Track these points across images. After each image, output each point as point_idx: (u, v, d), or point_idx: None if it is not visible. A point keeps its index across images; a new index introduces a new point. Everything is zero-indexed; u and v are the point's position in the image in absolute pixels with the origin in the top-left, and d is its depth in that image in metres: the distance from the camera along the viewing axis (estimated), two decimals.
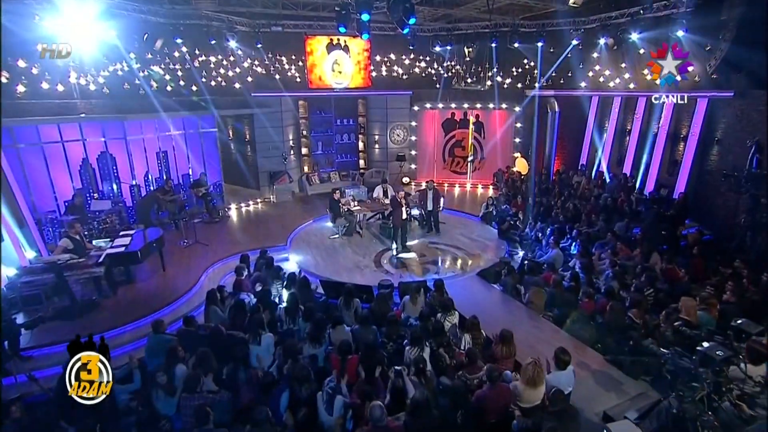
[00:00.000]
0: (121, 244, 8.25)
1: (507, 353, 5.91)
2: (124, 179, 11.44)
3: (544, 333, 7.02)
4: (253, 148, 15.05)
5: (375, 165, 17.39)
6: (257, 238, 11.08)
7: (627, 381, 5.81)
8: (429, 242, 11.35)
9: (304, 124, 16.24)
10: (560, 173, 16.22)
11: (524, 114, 16.76)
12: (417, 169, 17.84)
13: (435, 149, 17.84)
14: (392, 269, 9.75)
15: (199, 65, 13.80)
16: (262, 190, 15.11)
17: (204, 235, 10.88)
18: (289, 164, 15.46)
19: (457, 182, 17.61)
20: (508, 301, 8.15)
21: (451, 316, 6.71)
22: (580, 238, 10.34)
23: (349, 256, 10.42)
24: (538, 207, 12.71)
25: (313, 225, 12.68)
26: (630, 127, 14.30)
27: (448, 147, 17.72)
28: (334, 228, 11.83)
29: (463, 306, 7.14)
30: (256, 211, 13.92)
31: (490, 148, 17.62)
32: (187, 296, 8.15)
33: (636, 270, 8.53)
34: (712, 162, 11.44)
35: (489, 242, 11.51)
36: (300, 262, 9.89)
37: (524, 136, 17.13)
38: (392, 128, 17.02)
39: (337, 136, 16.91)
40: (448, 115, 17.34)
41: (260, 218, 12.96)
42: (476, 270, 9.61)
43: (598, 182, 14.40)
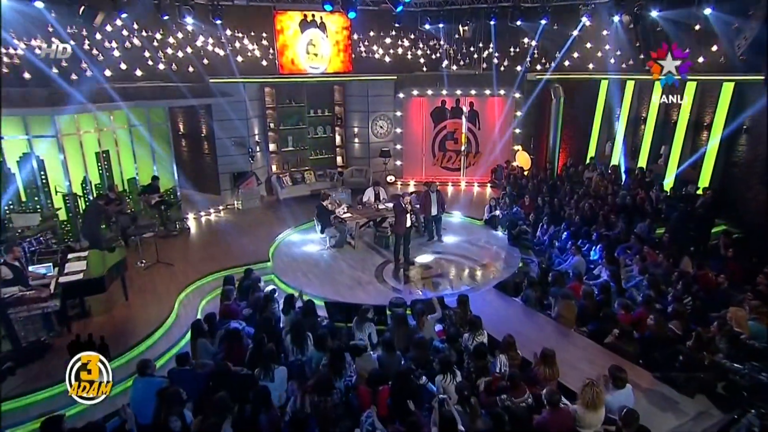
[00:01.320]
0: (77, 269, 8.12)
1: (550, 374, 6.27)
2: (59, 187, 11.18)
3: (582, 350, 7.39)
4: (211, 146, 14.96)
5: (355, 162, 17.61)
6: (231, 255, 11.05)
7: (683, 399, 6.24)
8: (433, 252, 11.66)
9: (272, 116, 16.28)
10: (568, 168, 16.94)
11: (525, 101, 17.34)
12: (403, 167, 18.17)
13: (423, 143, 18.18)
14: (399, 285, 9.98)
15: (147, 45, 13.55)
16: (224, 196, 15.04)
17: (165, 254, 10.77)
18: (256, 163, 15.51)
19: (449, 180, 18.01)
20: (534, 316, 8.53)
21: (479, 335, 7.06)
22: (602, 243, 10.95)
23: (345, 271, 10.56)
24: (550, 208, 13.28)
25: (294, 236, 12.75)
26: (645, 114, 15.18)
27: (439, 140, 18.12)
28: (322, 239, 11.97)
29: (484, 323, 7.43)
30: (220, 221, 13.86)
31: (486, 140, 18.20)
32: (162, 329, 8.09)
33: (672, 277, 9.14)
34: (739, 153, 12.33)
35: (499, 249, 11.93)
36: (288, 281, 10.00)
37: (525, 126, 17.74)
38: (374, 119, 17.30)
39: (310, 129, 17.00)
40: (437, 104, 17.72)
41: (228, 230, 12.92)
42: (492, 282, 9.97)
43: (612, 177, 15.19)
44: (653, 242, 11.10)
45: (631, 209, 12.74)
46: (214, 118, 14.57)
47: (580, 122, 16.91)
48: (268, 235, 12.34)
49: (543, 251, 11.81)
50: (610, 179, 15.09)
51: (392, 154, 17.52)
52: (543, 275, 9.81)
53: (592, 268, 10.38)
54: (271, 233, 12.50)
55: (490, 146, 18.09)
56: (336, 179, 16.32)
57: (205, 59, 14.22)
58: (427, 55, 17.52)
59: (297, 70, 15.29)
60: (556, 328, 8.07)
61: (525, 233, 12.38)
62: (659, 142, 14.70)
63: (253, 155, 15.06)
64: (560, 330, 8.02)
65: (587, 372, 6.58)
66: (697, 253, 10.71)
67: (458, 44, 17.48)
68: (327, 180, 16.29)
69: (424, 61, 17.50)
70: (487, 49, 17.11)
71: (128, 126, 13.02)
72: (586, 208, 12.76)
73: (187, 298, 9.28)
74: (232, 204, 14.97)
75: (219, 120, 14.59)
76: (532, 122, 17.89)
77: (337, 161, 17.74)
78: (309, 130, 16.97)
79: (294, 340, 6.69)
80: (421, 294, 9.35)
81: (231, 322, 7.39)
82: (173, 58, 13.78)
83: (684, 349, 6.80)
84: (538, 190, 14.92)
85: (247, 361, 6.38)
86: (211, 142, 14.89)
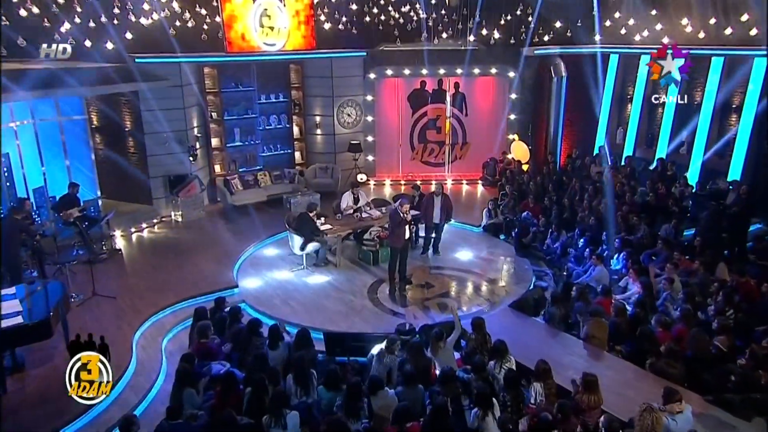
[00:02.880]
0: (12, 311, 8.06)
1: (594, 402, 7.05)
2: None
3: (620, 373, 8.20)
4: (138, 144, 15.10)
5: (318, 159, 18.05)
6: (187, 281, 11.28)
7: (740, 424, 7.07)
8: (430, 267, 12.32)
9: (214, 103, 16.55)
10: (573, 160, 18.02)
11: (521, 81, 18.29)
12: (376, 162, 18.80)
13: (400, 133, 18.84)
14: (399, 308, 10.55)
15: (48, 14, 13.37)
16: (158, 206, 15.23)
17: (100, 284, 10.91)
18: (197, 164, 15.75)
19: (432, 178, 18.65)
20: (561, 337, 9.32)
21: (506, 362, 7.81)
22: (625, 249, 11.89)
23: (332, 294, 11.00)
24: (560, 209, 14.17)
25: (257, 254, 13.12)
26: (664, 94, 16.36)
27: (418, 129, 18.84)
28: (297, 257, 12.41)
29: None
30: (159, 238, 14.07)
31: (475, 129, 18.97)
32: (125, 379, 8.30)
33: (710, 287, 10.12)
34: None
35: (507, 261, 12.76)
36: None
37: (522, 110, 18.72)
38: (340, 105, 17.81)
39: (261, 119, 17.34)
40: (416, 85, 18.41)
41: (173, 250, 13.16)
42: (506, 300, 10.76)
43: (627, 171, 16.26)
44: (682, 246, 12.13)
45: (654, 208, 13.79)
46: (141, 108, 14.67)
47: (586, 105, 17.90)
48: (226, 255, 12.65)
49: (555, 261, 12.68)
50: (624, 173, 16.19)
51: (363, 147, 18.11)
52: (565, 290, 10.67)
53: (615, 278, 11.29)
54: (230, 252, 12.81)
55: (480, 136, 18.94)
56: (297, 181, 16.74)
57: (128, 33, 14.29)
58: (401, 26, 18.06)
59: (249, 48, 15.66)
60: (587, 350, 8.88)
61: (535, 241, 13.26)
62: (680, 128, 15.92)
63: (194, 153, 15.34)
64: (592, 352, 8.82)
65: (632, 398, 7.37)
66: (732, 258, 11.79)
67: (440, 12, 18.12)
68: (286, 182, 16.67)
69: (398, 33, 18.06)
70: (474, 17, 17.69)
71: (33, 120, 13.07)
72: (601, 208, 13.68)
73: (144, 339, 9.49)
74: (168, 216, 15.16)
75: (149, 110, 14.71)
76: (530, 106, 18.84)
77: (296, 158, 18.16)
78: (260, 120, 17.30)
79: (297, 379, 7.16)
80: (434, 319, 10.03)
81: (212, 364, 7.76)
82: (86, 30, 13.80)
83: (736, 368, 7.72)
84: (543, 189, 15.85)
85: (245, 408, 6.77)
86: (139, 138, 15.01)
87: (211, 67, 16.26)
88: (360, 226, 12.82)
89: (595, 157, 17.57)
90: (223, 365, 7.88)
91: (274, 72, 17.28)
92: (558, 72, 18.04)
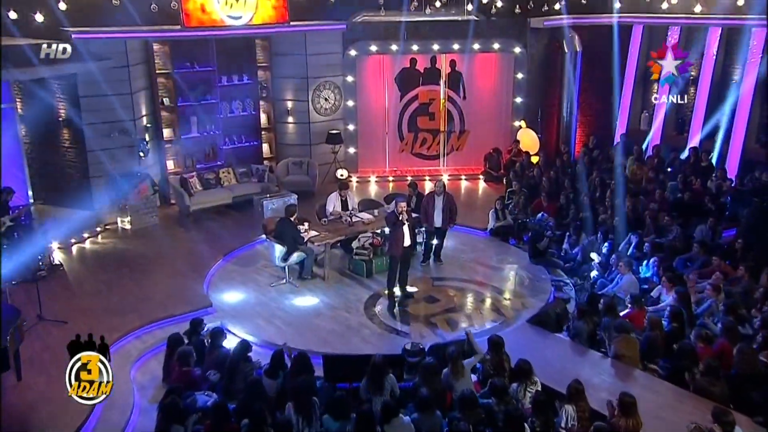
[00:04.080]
0: None
1: (633, 426, 7.65)
2: None
3: (658, 394, 8.83)
4: (75, 136, 15.29)
5: (290, 152, 18.45)
6: (151, 301, 11.66)
7: None
8: (433, 278, 12.90)
9: (166, 87, 16.82)
10: (590, 150, 18.48)
11: (528, 58, 18.80)
12: (358, 155, 19.21)
13: (386, 121, 19.24)
14: (403, 326, 11.15)
15: None
16: (100, 211, 15.44)
17: (46, 307, 11.04)
18: (147, 160, 16.05)
19: (426, 173, 19.29)
20: (589, 355, 9.97)
21: (532, 384, 8.41)
22: (656, 255, 12.49)
23: (324, 312, 11.50)
24: (577, 210, 14.71)
25: (228, 267, 13.50)
26: (696, 72, 17.11)
27: (408, 116, 19.26)
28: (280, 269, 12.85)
29: None
30: (106, 250, 14.31)
31: (475, 114, 19.40)
32: (95, 415, 8.59)
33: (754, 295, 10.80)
34: None
35: (520, 270, 13.38)
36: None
37: (530, 93, 19.19)
38: (316, 88, 18.19)
39: (222, 105, 17.58)
40: (405, 64, 18.78)
41: (124, 263, 13.44)
42: (524, 315, 11.42)
43: (654, 162, 16.93)
44: (721, 250, 12.77)
45: (687, 206, 14.43)
46: (80, 93, 14.91)
47: (605, 86, 18.49)
48: (193, 269, 13.02)
49: (575, 269, 13.32)
50: (651, 165, 16.87)
51: (343, 138, 18.50)
52: (591, 302, 11.27)
53: (646, 288, 11.95)
54: (196, 265, 13.19)
55: (481, 123, 19.42)
56: (268, 179, 17.09)
57: (61, 2, 14.38)
58: None
59: (210, 22, 15.95)
60: (621, 369, 9.49)
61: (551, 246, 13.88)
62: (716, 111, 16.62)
63: (144, 149, 15.66)
64: (624, 371, 9.45)
65: (673, 420, 8.05)
66: None
67: None
68: (254, 180, 17.01)
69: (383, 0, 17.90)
70: None
71: None
72: (627, 207, 14.29)
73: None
74: (114, 223, 15.40)
75: (88, 96, 14.95)
76: (539, 88, 19.34)
77: (263, 151, 18.49)
78: (221, 106, 17.53)
79: (299, 408, 7.61)
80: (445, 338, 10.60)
81: (197, 395, 8.21)
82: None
83: None
84: (558, 185, 16.36)
85: None
86: (76, 130, 15.21)
87: (162, 43, 16.50)
88: (351, 232, 13.24)
89: (616, 146, 18.10)
90: (209, 396, 8.37)
91: (237, 49, 17.53)
92: (571, 47, 18.53)
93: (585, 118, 19.62)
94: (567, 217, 14.81)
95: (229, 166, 17.38)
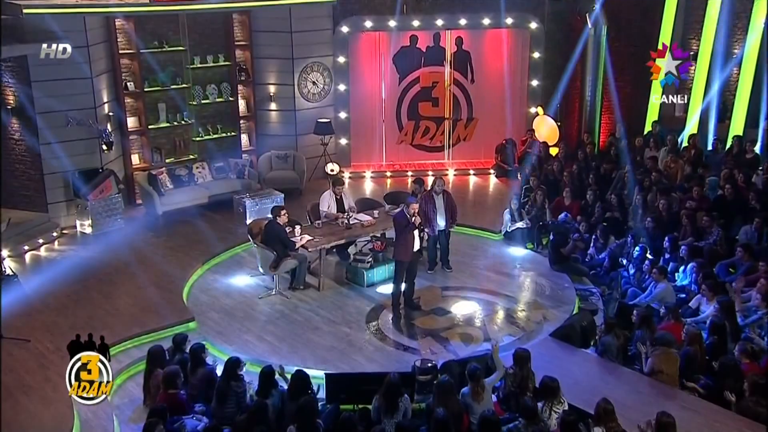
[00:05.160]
0: None
1: None
2: None
3: (700, 414, 9.36)
4: (27, 127, 15.47)
5: (273, 144, 18.80)
6: (123, 315, 11.98)
7: None
8: (442, 288, 13.38)
9: (130, 69, 17.11)
10: (617, 141, 18.87)
11: (546, 34, 19.25)
12: (351, 147, 19.63)
13: (383, 107, 19.68)
14: (411, 341, 11.65)
15: None
16: (56, 213, 15.75)
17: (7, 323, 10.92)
18: (110, 155, 16.37)
19: (429, 167, 19.76)
20: (620, 373, 10.48)
21: (558, 403, 8.92)
22: (694, 259, 12.89)
23: (321, 326, 11.95)
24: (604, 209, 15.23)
25: (209, 277, 13.92)
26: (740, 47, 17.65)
27: (408, 102, 19.71)
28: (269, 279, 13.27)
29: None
30: (65, 258, 14.51)
31: (485, 100, 19.86)
32: None
33: None
34: None
35: (540, 278, 13.89)
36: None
37: (548, 75, 19.65)
38: (303, 70, 18.61)
39: (195, 91, 17.89)
40: (405, 42, 19.20)
41: (88, 273, 13.65)
42: (546, 328, 11.88)
43: (691, 155, 17.43)
44: None
45: (729, 205, 14.80)
46: (32, 78, 15.09)
47: (634, 66, 19.07)
48: (168, 279, 13.37)
49: (602, 276, 13.81)
50: (689, 157, 17.34)
51: (334, 127, 18.84)
52: (622, 314, 11.88)
53: (684, 297, 12.42)
54: (171, 275, 13.53)
55: (492, 110, 19.85)
56: (249, 175, 17.45)
57: None
58: None
59: None
60: (655, 386, 10.03)
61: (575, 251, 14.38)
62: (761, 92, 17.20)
63: (109, 141, 15.99)
64: (662, 390, 9.97)
65: None
66: None
67: None
68: (232, 176, 17.40)
69: None
70: None
71: None
72: (662, 207, 14.72)
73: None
74: (72, 227, 15.74)
75: (41, 81, 15.15)
76: (558, 69, 19.60)
77: (242, 142, 18.87)
78: (194, 91, 17.87)
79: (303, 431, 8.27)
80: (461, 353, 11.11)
81: (185, 420, 8.67)
82: None
83: None
84: (581, 181, 16.86)
85: None
86: (27, 120, 15.43)
87: (125, 19, 16.66)
88: (348, 236, 13.65)
89: (649, 135, 18.60)
90: (199, 420, 8.84)
91: (212, 25, 17.82)
92: (595, 21, 18.88)
93: (611, 103, 19.88)
94: (592, 217, 15.18)
95: (203, 160, 17.64)
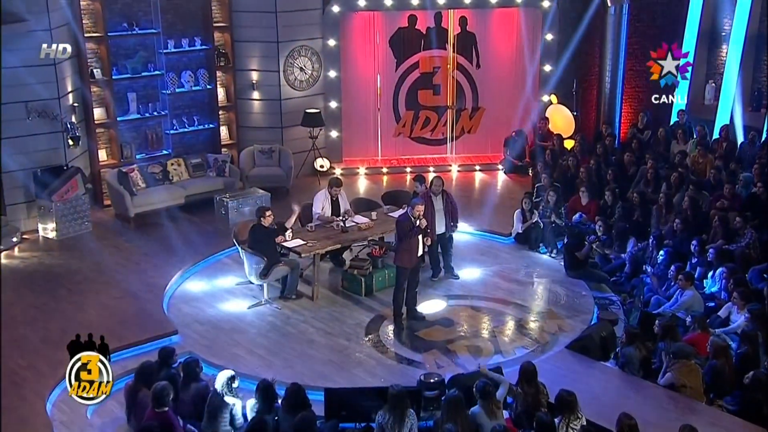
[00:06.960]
0: None
1: None
2: None
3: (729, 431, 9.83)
4: None
5: (256, 137, 19.10)
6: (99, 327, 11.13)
7: None
8: (444, 296, 13.68)
9: (97, 54, 17.30)
10: (640, 132, 19.28)
11: (560, 14, 19.57)
12: (343, 140, 19.90)
13: (378, 95, 20.01)
14: (414, 354, 11.98)
15: None
16: (15, 216, 15.95)
17: None
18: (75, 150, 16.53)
19: (430, 162, 20.10)
20: (642, 388, 10.79)
21: (576, 418, 9.24)
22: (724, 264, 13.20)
23: (316, 339, 12.23)
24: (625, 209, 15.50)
25: (189, 286, 14.19)
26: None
27: (406, 90, 20.04)
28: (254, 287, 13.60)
29: None
30: (28, 266, 14.81)
31: (491, 87, 20.25)
32: None
33: None
34: None
35: (555, 285, 14.19)
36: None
37: (562, 59, 19.88)
38: (289, 55, 18.88)
39: (169, 78, 18.13)
40: (402, 23, 19.49)
41: (56, 282, 13.94)
42: (562, 340, 12.21)
43: (723, 147, 17.78)
44: None
45: (764, 204, 14.97)
46: None
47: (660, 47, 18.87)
48: (146, 288, 13.62)
49: (623, 284, 14.17)
50: (719, 151, 17.66)
51: (324, 118, 19.11)
52: (644, 324, 12.18)
53: (713, 306, 12.76)
54: (148, 283, 13.79)
55: (499, 98, 20.25)
56: (230, 172, 17.72)
57: None
58: None
59: None
60: (680, 402, 10.34)
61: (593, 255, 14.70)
62: None
63: (75, 135, 16.12)
64: (686, 405, 10.26)
65: None
66: None
67: None
68: (211, 174, 17.69)
69: None
70: None
71: None
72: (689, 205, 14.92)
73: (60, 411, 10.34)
74: (35, 231, 15.98)
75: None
76: (574, 52, 19.94)
77: (221, 136, 19.08)
78: (167, 79, 18.07)
79: None
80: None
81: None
82: None
83: None
84: (599, 178, 17.11)
85: None
86: None
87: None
88: (344, 240, 13.94)
89: (675, 126, 18.90)
90: None
91: (187, 5, 18.05)
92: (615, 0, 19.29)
93: (633, 91, 20.31)
94: (612, 218, 15.44)
95: (178, 156, 17.90)
